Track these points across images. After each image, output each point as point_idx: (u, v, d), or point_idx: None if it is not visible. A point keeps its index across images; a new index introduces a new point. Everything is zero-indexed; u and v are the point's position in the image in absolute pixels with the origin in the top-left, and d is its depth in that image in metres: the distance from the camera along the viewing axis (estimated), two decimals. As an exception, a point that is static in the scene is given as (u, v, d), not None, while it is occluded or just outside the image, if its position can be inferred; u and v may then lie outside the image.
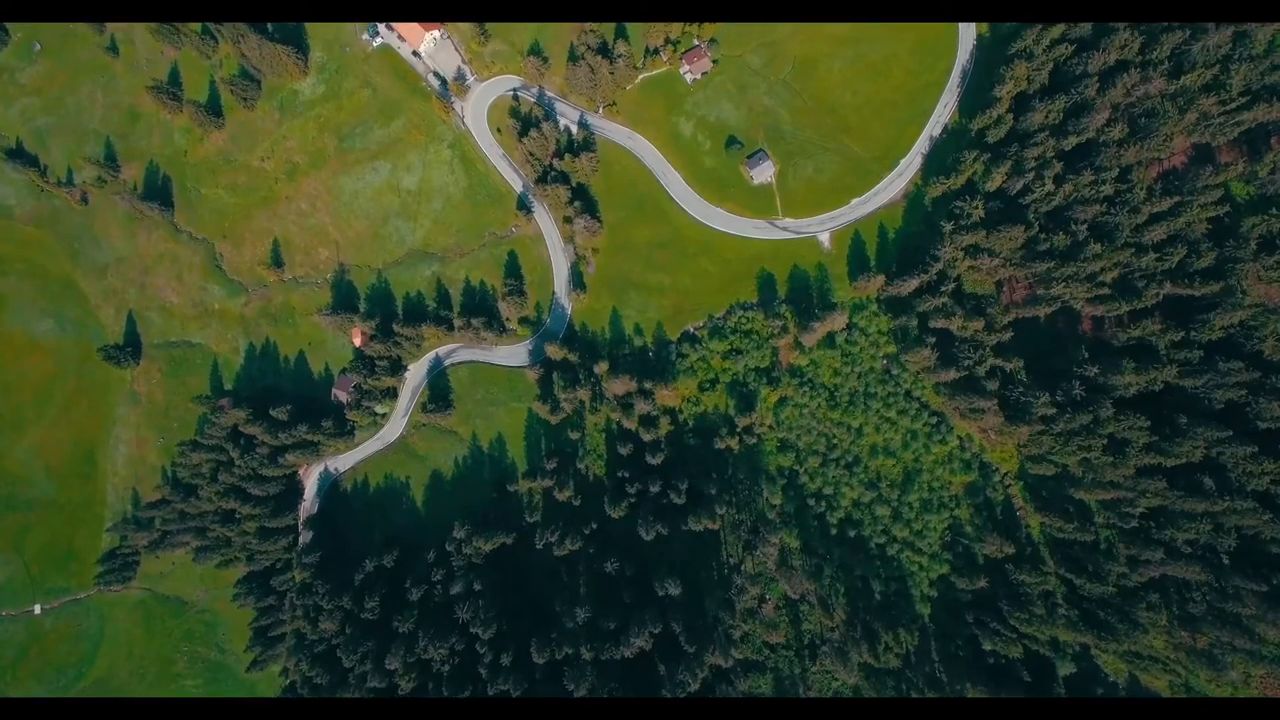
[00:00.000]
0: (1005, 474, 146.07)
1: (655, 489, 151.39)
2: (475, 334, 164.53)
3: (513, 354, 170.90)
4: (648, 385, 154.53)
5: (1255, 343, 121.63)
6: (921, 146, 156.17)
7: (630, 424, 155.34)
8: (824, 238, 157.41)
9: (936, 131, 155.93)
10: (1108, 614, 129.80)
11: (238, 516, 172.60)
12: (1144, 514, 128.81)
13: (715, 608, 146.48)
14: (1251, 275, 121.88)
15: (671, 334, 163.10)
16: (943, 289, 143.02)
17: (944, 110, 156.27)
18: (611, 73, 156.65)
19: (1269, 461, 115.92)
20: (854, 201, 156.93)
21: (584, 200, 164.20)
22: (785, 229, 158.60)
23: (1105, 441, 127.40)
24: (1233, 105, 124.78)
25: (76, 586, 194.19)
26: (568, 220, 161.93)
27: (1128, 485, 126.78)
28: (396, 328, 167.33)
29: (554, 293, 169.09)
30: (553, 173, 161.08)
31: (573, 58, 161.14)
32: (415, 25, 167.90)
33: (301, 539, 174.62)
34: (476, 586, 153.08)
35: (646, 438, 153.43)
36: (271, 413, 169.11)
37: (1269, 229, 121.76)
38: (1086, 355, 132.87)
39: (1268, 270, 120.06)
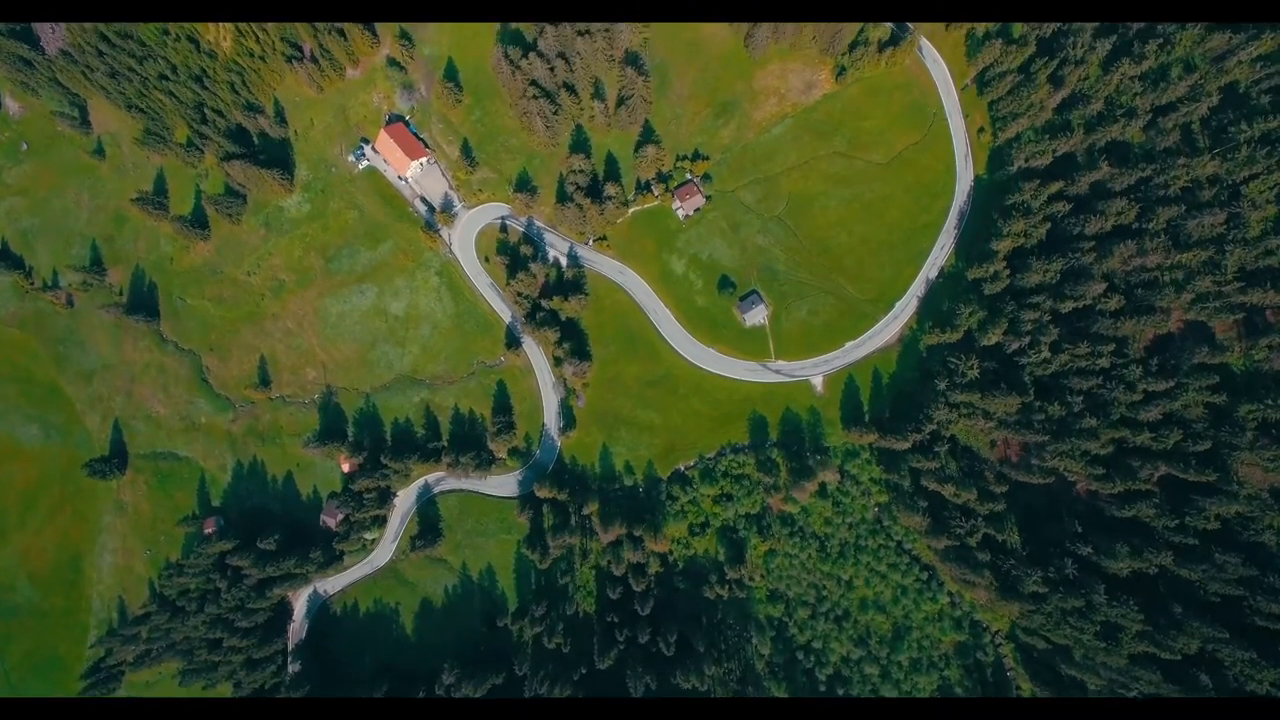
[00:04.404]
0: (997, 633, 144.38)
1: (644, 638, 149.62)
2: (464, 471, 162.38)
3: (502, 484, 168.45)
4: (638, 532, 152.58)
5: (1253, 534, 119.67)
6: (918, 289, 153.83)
7: (620, 570, 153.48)
8: (817, 381, 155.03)
9: (933, 274, 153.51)
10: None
11: (225, 646, 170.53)
12: (1140, 697, 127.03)
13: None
14: (1248, 464, 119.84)
15: (662, 472, 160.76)
16: (936, 449, 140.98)
17: (940, 252, 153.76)
18: (600, 213, 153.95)
19: (1269, 669, 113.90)
20: (848, 345, 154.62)
21: (574, 334, 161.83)
22: (778, 371, 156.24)
23: (1098, 628, 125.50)
24: (1228, 286, 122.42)
25: (59, 695, 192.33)
26: (558, 361, 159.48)
27: (1121, 670, 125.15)
28: (384, 460, 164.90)
29: (544, 424, 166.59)
30: (542, 311, 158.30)
31: (561, 198, 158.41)
32: (401, 152, 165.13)
33: (290, 669, 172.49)
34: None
35: (637, 587, 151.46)
36: (259, 544, 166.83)
37: (1265, 416, 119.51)
38: (1080, 530, 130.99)
39: (1265, 460, 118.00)
